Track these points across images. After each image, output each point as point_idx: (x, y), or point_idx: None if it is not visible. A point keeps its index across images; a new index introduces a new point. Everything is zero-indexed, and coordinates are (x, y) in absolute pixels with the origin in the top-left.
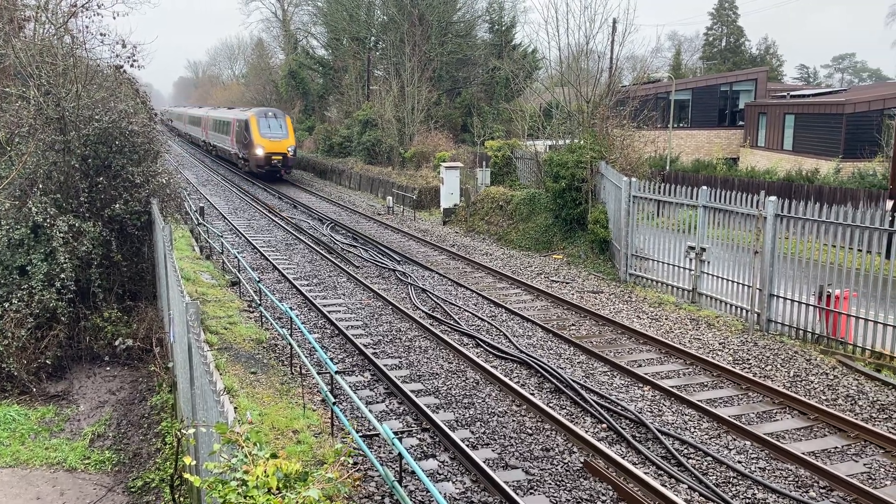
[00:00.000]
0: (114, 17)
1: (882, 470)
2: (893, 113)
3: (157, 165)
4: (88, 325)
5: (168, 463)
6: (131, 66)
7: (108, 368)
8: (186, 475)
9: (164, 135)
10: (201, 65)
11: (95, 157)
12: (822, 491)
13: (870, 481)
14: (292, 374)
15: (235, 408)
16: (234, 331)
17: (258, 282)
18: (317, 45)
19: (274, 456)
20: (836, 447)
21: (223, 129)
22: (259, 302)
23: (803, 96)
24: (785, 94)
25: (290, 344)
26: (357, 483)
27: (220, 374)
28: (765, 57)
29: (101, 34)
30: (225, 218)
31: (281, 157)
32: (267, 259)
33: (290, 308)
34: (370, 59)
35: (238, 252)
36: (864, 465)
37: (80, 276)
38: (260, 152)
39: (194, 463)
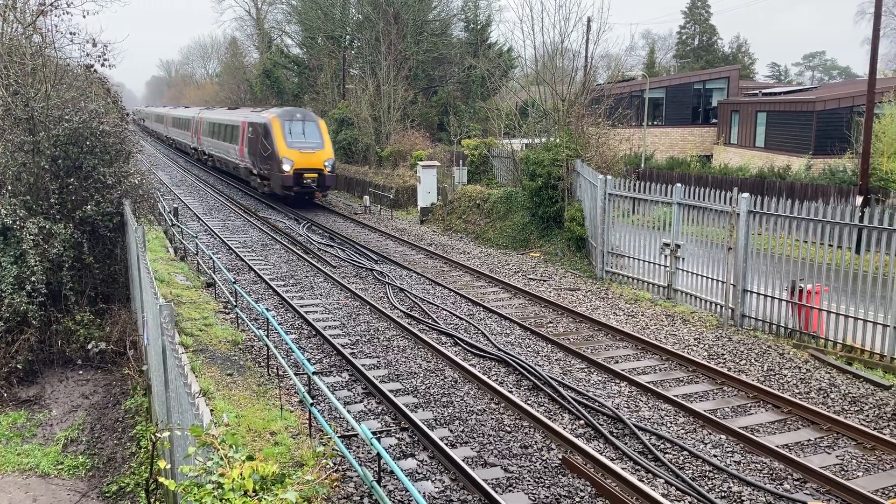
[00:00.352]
0: (84, 16)
1: (854, 462)
2: (862, 110)
3: (130, 166)
4: (60, 329)
5: (143, 467)
6: (102, 65)
7: (80, 372)
8: (161, 479)
9: (136, 135)
10: (174, 64)
11: (66, 158)
12: (795, 483)
13: (842, 473)
14: (269, 375)
15: (212, 410)
16: (209, 332)
17: (234, 283)
18: (291, 43)
19: (250, 458)
20: (810, 440)
21: (226, 135)
22: (235, 303)
23: (775, 94)
24: (757, 91)
25: (266, 345)
26: (335, 484)
27: (196, 377)
28: (737, 55)
29: (70, 33)
30: (200, 219)
31: (316, 175)
32: (243, 260)
33: (267, 309)
34: (345, 57)
35: (213, 253)
36: (837, 456)
37: (51, 278)
38: (287, 168)
39: (169, 466)
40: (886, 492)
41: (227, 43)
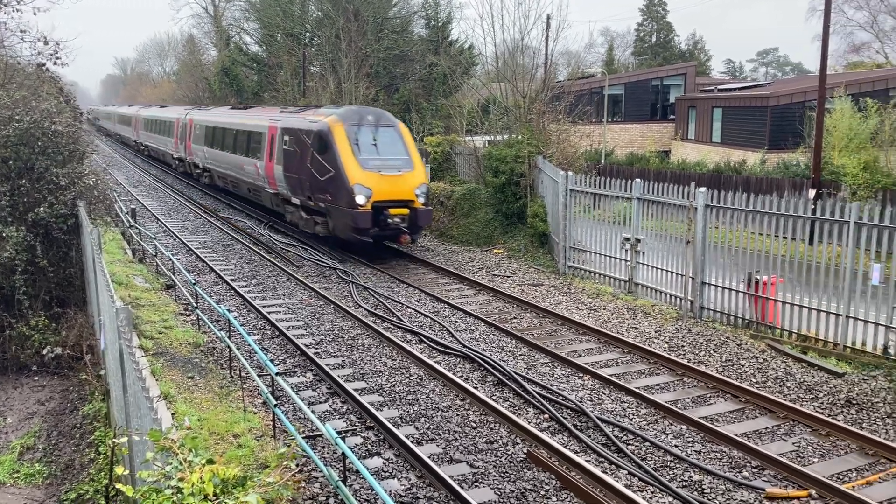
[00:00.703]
0: (34, 13)
1: (809, 448)
2: (814, 105)
3: (84, 167)
4: (14, 334)
5: (102, 473)
6: (54, 63)
7: (36, 378)
8: (119, 485)
9: (91, 134)
10: (129, 62)
11: (17, 159)
12: (754, 470)
13: (798, 459)
14: (232, 377)
15: (173, 414)
16: (170, 335)
17: (194, 284)
18: (250, 41)
19: (210, 461)
20: (767, 428)
21: (238, 146)
22: (195, 305)
23: (730, 90)
24: (713, 88)
25: (228, 346)
26: (300, 485)
27: (157, 380)
28: (693, 52)
29: (21, 31)
30: (158, 220)
31: (406, 211)
32: (203, 261)
33: (229, 310)
34: (305, 55)
35: (173, 254)
36: (793, 443)
37: (3, 282)
38: (361, 201)
39: (128, 472)
40: (841, 476)
41: (184, 40)
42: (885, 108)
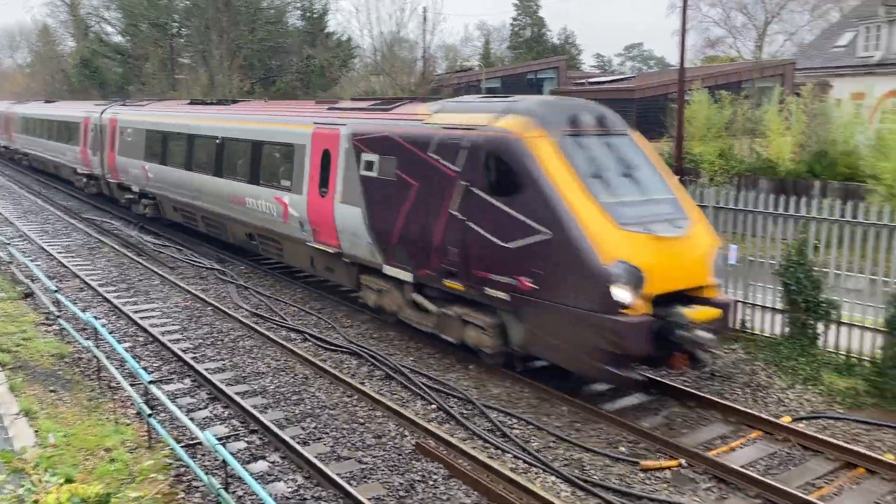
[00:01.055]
0: None
1: (679, 420)
2: (675, 97)
3: None
4: None
5: None
6: None
7: None
8: None
9: None
10: None
11: None
12: (629, 445)
13: (670, 431)
14: (101, 388)
15: (36, 431)
16: (29, 347)
17: (55, 291)
18: (112, 30)
19: (69, 480)
20: (641, 403)
21: (239, 168)
22: (57, 313)
23: (599, 83)
24: (583, 81)
25: (95, 356)
26: (171, 498)
27: (16, 396)
28: (565, 46)
29: None
30: (12, 223)
31: (718, 313)
32: (66, 266)
33: (96, 317)
34: (173, 46)
35: (30, 260)
36: (664, 416)
37: None
38: (624, 296)
39: None
40: (707, 445)
41: (37, 30)
42: (738, 100)
